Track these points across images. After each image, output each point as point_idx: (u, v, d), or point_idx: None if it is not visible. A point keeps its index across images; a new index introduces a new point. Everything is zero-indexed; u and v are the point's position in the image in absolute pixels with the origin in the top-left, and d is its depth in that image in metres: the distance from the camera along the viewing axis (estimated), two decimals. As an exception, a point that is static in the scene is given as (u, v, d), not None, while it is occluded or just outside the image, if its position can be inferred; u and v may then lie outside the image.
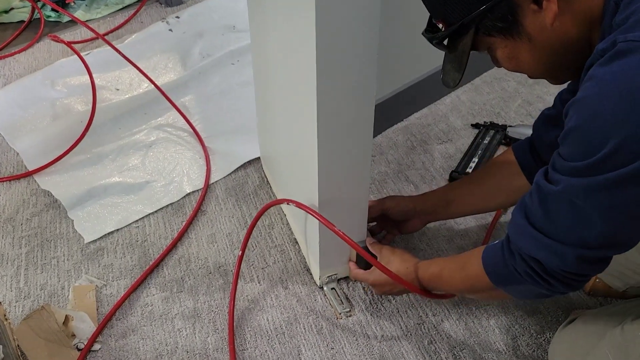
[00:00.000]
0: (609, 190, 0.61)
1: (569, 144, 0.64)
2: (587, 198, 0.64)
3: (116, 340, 1.10)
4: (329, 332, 1.10)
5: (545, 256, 0.71)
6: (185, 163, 1.49)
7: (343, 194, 1.03)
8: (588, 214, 0.65)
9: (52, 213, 1.38)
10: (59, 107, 1.68)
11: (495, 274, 0.82)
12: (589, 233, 0.67)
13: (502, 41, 0.75)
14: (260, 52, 1.20)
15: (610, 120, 0.59)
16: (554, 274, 0.72)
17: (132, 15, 2.11)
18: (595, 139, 0.60)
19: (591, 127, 0.61)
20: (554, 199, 0.68)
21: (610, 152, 0.59)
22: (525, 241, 0.73)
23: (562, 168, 0.66)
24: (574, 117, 0.63)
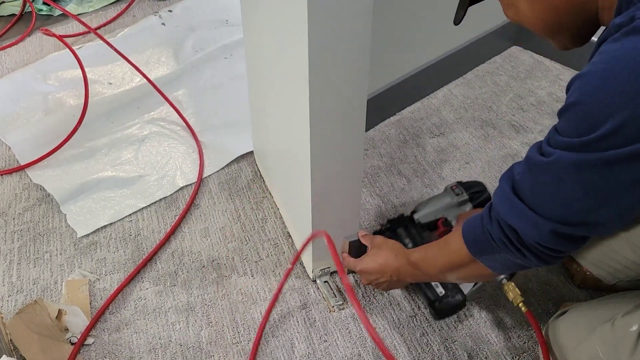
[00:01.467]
0: (599, 170, 0.60)
1: (567, 119, 0.62)
2: (576, 174, 0.62)
3: (109, 334, 1.11)
4: (322, 325, 1.11)
5: (522, 226, 0.70)
6: (178, 157, 1.49)
7: (336, 187, 1.04)
8: (573, 189, 0.63)
9: (45, 207, 1.37)
10: (51, 101, 1.67)
11: (473, 243, 0.81)
12: (569, 209, 0.65)
13: None
14: (252, 46, 1.20)
15: (614, 98, 0.56)
16: (528, 246, 0.71)
17: (124, 9, 2.10)
18: (594, 116, 0.57)
19: (592, 103, 0.58)
20: (541, 170, 0.65)
21: (608, 131, 0.56)
22: (506, 208, 0.72)
23: (555, 142, 0.63)
24: (576, 91, 0.60)
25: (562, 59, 1.74)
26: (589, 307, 0.93)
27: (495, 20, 1.71)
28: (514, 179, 0.71)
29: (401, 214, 1.16)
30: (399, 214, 1.16)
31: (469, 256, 0.82)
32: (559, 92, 1.65)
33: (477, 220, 0.79)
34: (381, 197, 1.36)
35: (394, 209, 1.33)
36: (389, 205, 1.34)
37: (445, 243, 0.90)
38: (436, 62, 1.60)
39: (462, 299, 1.04)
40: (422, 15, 1.44)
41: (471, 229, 0.81)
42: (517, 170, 0.71)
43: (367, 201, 1.35)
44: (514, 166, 0.72)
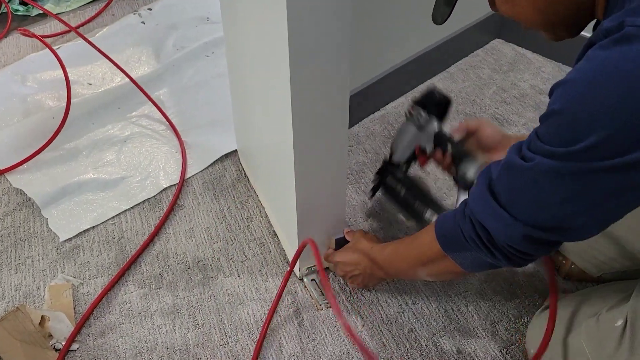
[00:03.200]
0: (579, 179, 0.59)
1: (549, 126, 0.60)
2: (555, 181, 0.61)
3: (94, 340, 1.09)
4: (310, 323, 1.10)
5: (495, 226, 0.69)
6: (161, 157, 1.48)
7: (320, 184, 1.03)
8: (550, 195, 0.63)
9: (26, 212, 1.35)
10: (30, 103, 1.64)
11: (445, 238, 0.80)
12: (544, 214, 0.65)
13: None
14: (233, 43, 1.19)
15: (599, 110, 0.54)
16: (499, 246, 0.71)
17: (103, 8, 2.07)
18: (578, 127, 0.56)
19: (576, 113, 0.56)
20: (520, 174, 0.65)
21: (592, 144, 0.55)
22: (480, 207, 0.71)
23: (536, 148, 0.62)
24: (560, 99, 0.58)
25: (544, 51, 1.75)
26: (574, 301, 0.94)
27: (477, 13, 1.71)
28: (491, 179, 0.70)
29: (383, 160, 1.16)
30: (382, 162, 1.16)
31: (440, 251, 0.82)
32: (541, 85, 1.65)
33: (451, 216, 0.79)
34: (367, 193, 1.35)
35: (379, 204, 1.33)
36: (375, 201, 1.33)
37: (418, 236, 0.90)
38: (419, 56, 1.60)
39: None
40: (404, 9, 1.43)
41: (443, 224, 0.81)
42: (495, 171, 0.70)
43: (352, 197, 1.34)
44: (491, 166, 0.71)
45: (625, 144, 0.54)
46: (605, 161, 0.56)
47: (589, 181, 0.59)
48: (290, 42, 0.79)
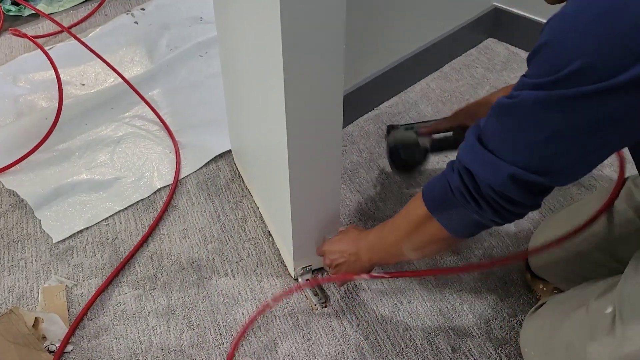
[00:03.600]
0: (563, 108, 0.59)
1: (536, 61, 0.61)
2: (540, 113, 0.62)
3: (89, 341, 1.08)
4: (305, 323, 1.10)
5: (480, 169, 0.70)
6: (155, 158, 1.47)
7: (315, 184, 1.03)
8: (536, 132, 0.63)
9: (19, 213, 1.34)
10: (23, 104, 1.63)
11: (431, 196, 0.81)
12: (530, 154, 0.65)
13: None
14: (227, 43, 1.18)
15: (580, 38, 0.56)
16: (484, 193, 0.70)
17: (95, 8, 2.06)
18: (563, 55, 0.57)
19: (560, 43, 0.58)
20: (506, 113, 0.65)
21: (575, 70, 0.57)
22: (468, 154, 0.71)
23: (523, 84, 0.63)
24: (547, 32, 0.60)
25: (537, 50, 1.75)
26: (564, 297, 0.93)
27: (470, 13, 1.71)
28: (479, 127, 0.71)
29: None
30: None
31: (426, 214, 0.82)
32: (534, 83, 1.65)
33: (439, 175, 0.79)
34: (361, 192, 1.36)
35: (374, 204, 1.33)
36: (369, 200, 1.34)
37: (405, 207, 0.90)
38: (413, 55, 1.60)
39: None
40: (398, 9, 1.44)
41: (431, 184, 0.82)
42: (483, 120, 0.70)
43: (347, 197, 1.34)
44: (481, 119, 0.72)
45: (606, 70, 0.55)
46: (586, 86, 0.57)
47: (572, 110, 0.59)
48: (284, 42, 0.79)
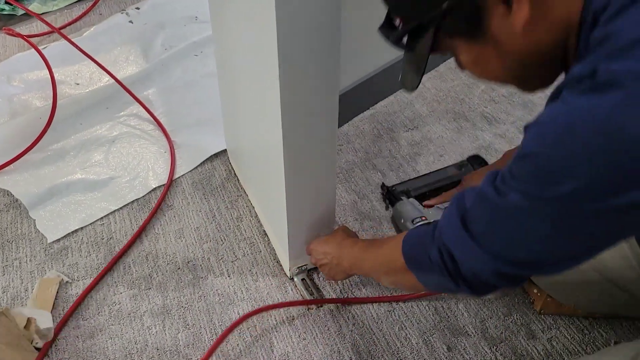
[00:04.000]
0: (550, 221, 0.58)
1: (523, 167, 0.59)
2: (527, 219, 0.59)
3: (83, 341, 1.08)
4: (301, 322, 1.10)
5: (464, 257, 0.68)
6: (150, 157, 1.47)
7: (310, 184, 1.03)
8: (521, 233, 0.61)
9: (13, 213, 1.34)
10: (17, 104, 1.62)
11: (410, 255, 0.79)
12: (516, 250, 0.63)
13: (466, 44, 0.67)
14: (222, 42, 1.18)
15: (573, 157, 0.53)
16: (464, 276, 0.69)
17: (90, 7, 2.05)
18: (552, 172, 0.55)
19: (553, 158, 0.55)
20: (493, 207, 0.63)
21: (566, 192, 0.55)
22: (450, 235, 0.69)
23: (511, 185, 0.60)
24: (535, 140, 0.57)
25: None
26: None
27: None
28: (464, 208, 0.68)
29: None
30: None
31: (404, 266, 0.80)
32: (529, 83, 1.66)
33: (420, 235, 0.77)
34: (357, 192, 1.36)
35: (369, 204, 1.33)
36: (365, 200, 1.34)
37: (386, 244, 0.88)
38: (408, 55, 1.60)
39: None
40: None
41: (412, 242, 0.79)
42: (469, 199, 0.67)
43: (342, 197, 1.34)
44: (465, 193, 0.69)
45: (595, 191, 0.54)
46: (577, 206, 0.56)
47: (561, 222, 0.58)
48: (279, 41, 0.79)
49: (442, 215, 0.72)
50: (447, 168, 1.32)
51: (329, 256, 1.03)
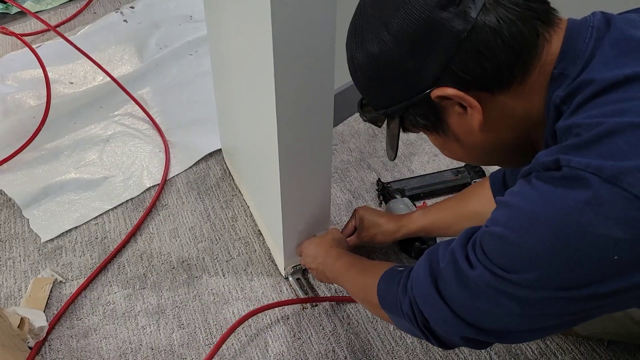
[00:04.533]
0: (513, 301, 0.59)
1: (492, 246, 0.60)
2: (494, 295, 0.60)
3: (77, 341, 1.08)
4: (296, 322, 1.10)
5: (433, 316, 0.69)
6: (144, 157, 1.46)
7: (305, 183, 1.03)
8: (489, 306, 0.62)
9: (6, 213, 1.33)
10: (10, 103, 1.61)
11: (384, 298, 0.80)
12: (484, 320, 0.64)
13: (431, 134, 0.70)
14: (217, 42, 1.18)
15: (537, 248, 0.55)
16: (433, 331, 0.70)
17: (84, 6, 2.04)
18: (517, 260, 0.57)
19: (517, 246, 0.57)
20: (463, 277, 0.63)
21: (527, 278, 0.56)
22: (422, 293, 0.70)
23: (480, 260, 0.61)
24: (503, 223, 0.58)
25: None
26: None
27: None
28: (437, 268, 0.68)
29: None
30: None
31: (377, 303, 0.81)
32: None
33: (395, 279, 0.77)
34: (352, 191, 1.36)
35: (364, 203, 1.33)
36: (360, 199, 1.34)
37: (365, 274, 0.88)
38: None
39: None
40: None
41: (386, 284, 0.80)
42: (442, 258, 0.67)
43: (337, 196, 1.34)
44: (439, 251, 0.69)
45: (558, 283, 0.55)
46: (541, 293, 0.57)
47: (522, 305, 0.59)
48: (275, 41, 0.79)
49: (416, 266, 0.73)
50: (444, 172, 1.35)
51: (317, 261, 1.05)
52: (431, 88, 0.62)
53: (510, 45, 0.59)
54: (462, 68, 0.60)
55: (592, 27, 0.60)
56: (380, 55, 0.63)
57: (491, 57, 0.59)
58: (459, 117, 0.65)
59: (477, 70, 0.60)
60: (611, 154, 0.52)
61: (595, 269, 0.53)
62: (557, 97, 0.59)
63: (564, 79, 0.59)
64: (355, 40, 0.66)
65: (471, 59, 0.59)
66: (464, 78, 0.60)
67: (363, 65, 0.66)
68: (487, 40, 0.58)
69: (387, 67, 0.63)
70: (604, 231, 0.51)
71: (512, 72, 0.60)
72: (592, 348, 1.05)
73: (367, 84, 0.69)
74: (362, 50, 0.65)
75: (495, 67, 0.59)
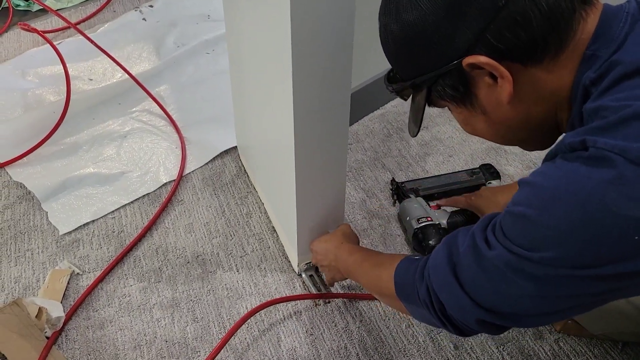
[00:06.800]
0: (535, 281, 0.59)
1: (513, 226, 0.60)
2: (513, 275, 0.60)
3: (94, 332, 1.10)
4: (308, 318, 1.11)
5: (450, 302, 0.68)
6: (161, 153, 1.48)
7: (320, 181, 1.04)
8: (508, 288, 0.62)
9: (26, 205, 1.35)
10: (31, 98, 1.65)
11: (401, 287, 0.79)
12: (501, 303, 0.64)
13: (457, 107, 0.70)
14: (235, 40, 1.19)
15: (560, 227, 0.55)
16: (449, 317, 0.70)
17: (104, 4, 2.07)
18: (539, 238, 0.57)
19: (540, 224, 0.57)
20: (482, 259, 0.63)
21: (549, 256, 0.56)
22: (439, 279, 0.70)
23: (500, 240, 0.61)
24: (525, 202, 0.58)
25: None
26: None
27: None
28: (455, 253, 0.68)
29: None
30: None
31: (394, 293, 0.81)
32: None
33: (411, 267, 0.77)
34: (365, 190, 1.36)
35: (378, 202, 1.33)
36: (374, 199, 1.34)
37: (380, 266, 0.88)
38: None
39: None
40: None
41: (403, 274, 0.80)
42: (462, 243, 0.67)
43: (351, 195, 1.35)
44: (458, 237, 0.69)
45: (578, 261, 0.56)
46: (560, 271, 0.57)
47: (541, 285, 0.59)
48: (293, 40, 0.80)
49: (433, 254, 0.72)
50: (459, 173, 1.34)
51: (328, 258, 1.05)
52: (464, 56, 0.62)
53: (547, 16, 0.58)
54: (497, 36, 0.59)
55: (627, 13, 0.60)
56: (414, 22, 0.63)
57: (527, 27, 0.59)
58: (489, 89, 0.64)
59: (512, 40, 0.59)
60: (637, 137, 0.52)
61: (616, 248, 0.53)
62: (587, 78, 0.59)
63: (595, 60, 0.59)
64: (389, 7, 0.66)
65: (507, 27, 0.59)
66: (498, 47, 0.60)
67: (395, 32, 0.66)
68: (524, 10, 0.58)
69: (420, 33, 0.63)
70: (626, 211, 0.51)
71: (547, 44, 0.60)
72: (606, 350, 1.04)
73: (397, 52, 0.68)
74: (396, 16, 0.65)
75: (530, 37, 0.59)
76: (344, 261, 1.00)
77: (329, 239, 1.08)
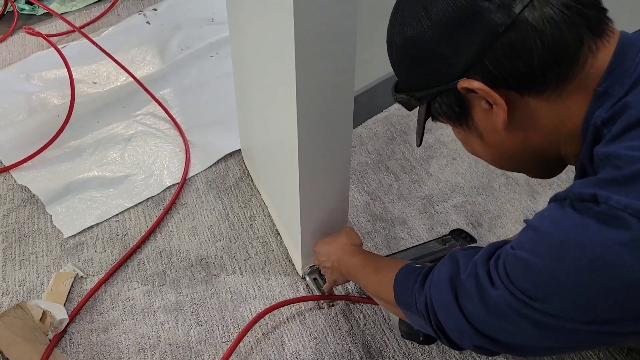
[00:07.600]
0: (533, 324, 0.58)
1: (516, 269, 0.58)
2: (512, 315, 0.59)
3: (97, 335, 1.10)
4: (312, 321, 1.11)
5: (448, 323, 0.67)
6: (165, 156, 1.48)
7: (324, 184, 1.04)
8: (506, 324, 0.61)
9: (30, 208, 1.36)
10: (35, 101, 1.65)
11: (400, 295, 0.79)
12: (498, 334, 0.63)
13: (455, 126, 0.69)
14: (239, 44, 1.19)
15: (564, 282, 0.54)
16: (446, 334, 0.69)
17: (108, 7, 2.08)
18: (541, 287, 0.55)
19: (542, 273, 0.55)
20: (483, 293, 0.61)
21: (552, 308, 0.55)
22: (440, 298, 0.68)
23: (503, 280, 0.59)
24: (531, 248, 0.56)
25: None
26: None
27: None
28: (457, 276, 0.66)
29: None
30: None
31: (393, 300, 0.81)
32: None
33: (412, 276, 0.76)
34: (369, 193, 1.36)
35: (382, 205, 1.33)
36: (378, 201, 1.34)
37: (381, 271, 0.87)
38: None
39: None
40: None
41: (403, 281, 0.79)
42: (463, 268, 0.66)
43: (355, 198, 1.35)
44: (459, 259, 0.67)
45: (583, 317, 0.54)
46: (562, 322, 0.56)
47: (548, 330, 0.58)
48: (297, 43, 0.80)
49: (439, 266, 0.71)
50: (430, 243, 1.22)
51: (331, 260, 1.04)
52: (459, 78, 0.61)
53: (550, 48, 0.56)
54: (494, 63, 0.58)
55: None
56: (415, 37, 0.63)
57: (526, 57, 0.57)
58: (485, 114, 0.63)
59: (508, 68, 0.58)
60: None
61: (624, 309, 0.52)
62: (598, 117, 0.57)
63: (607, 98, 0.57)
64: (396, 16, 0.67)
65: (504, 55, 0.57)
66: (493, 73, 0.59)
67: (398, 44, 0.66)
68: (525, 39, 0.56)
69: (420, 49, 0.63)
70: (638, 274, 0.50)
71: (546, 76, 0.58)
72: (611, 354, 1.04)
73: (399, 63, 0.69)
74: (400, 28, 0.65)
75: (528, 68, 0.57)
76: (346, 263, 1.00)
77: (332, 241, 1.08)
